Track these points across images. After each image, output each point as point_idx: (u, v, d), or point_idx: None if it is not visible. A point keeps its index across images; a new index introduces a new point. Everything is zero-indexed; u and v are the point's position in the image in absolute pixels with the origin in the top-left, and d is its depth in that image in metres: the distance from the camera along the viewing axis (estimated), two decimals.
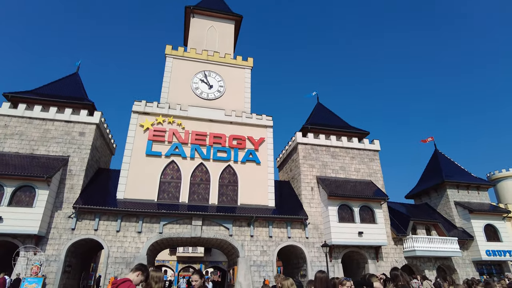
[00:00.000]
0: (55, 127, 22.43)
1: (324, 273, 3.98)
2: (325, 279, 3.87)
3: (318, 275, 4.00)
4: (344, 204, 23.54)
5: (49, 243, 19.26)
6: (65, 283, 19.63)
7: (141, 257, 19.73)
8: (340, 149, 26.80)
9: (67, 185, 20.93)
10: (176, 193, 22.39)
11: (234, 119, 25.07)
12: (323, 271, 4.03)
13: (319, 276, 3.97)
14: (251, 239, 21.84)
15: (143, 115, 23.78)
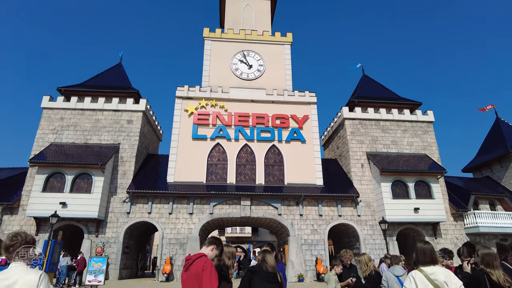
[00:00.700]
0: (104, 116, 23.32)
1: (429, 244, 3.30)
2: (430, 251, 3.21)
3: (421, 245, 3.31)
4: (397, 180, 22.27)
5: (108, 226, 20.31)
6: (125, 263, 20.71)
7: (193, 237, 20.19)
8: (391, 122, 25.24)
9: (120, 172, 21.81)
10: (224, 174, 22.49)
11: (276, 98, 24.46)
12: (426, 241, 3.35)
13: (422, 247, 3.29)
14: (301, 218, 21.47)
15: (186, 100, 23.96)
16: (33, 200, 19.63)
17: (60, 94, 24.24)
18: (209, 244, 3.51)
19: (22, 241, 2.49)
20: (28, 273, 2.35)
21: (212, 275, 3.11)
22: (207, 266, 3.16)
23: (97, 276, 11.33)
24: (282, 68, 25.98)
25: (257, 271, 3.70)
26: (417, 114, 25.77)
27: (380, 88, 28.48)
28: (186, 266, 3.29)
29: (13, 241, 2.47)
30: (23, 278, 2.30)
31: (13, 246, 2.46)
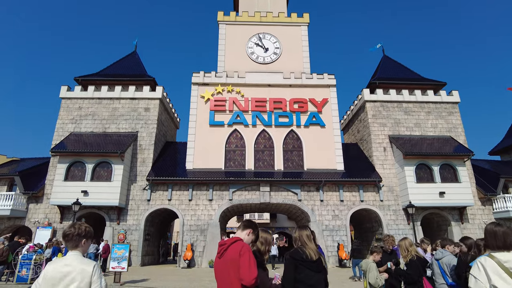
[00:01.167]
0: (121, 105, 23.29)
1: (501, 225, 2.75)
2: (502, 233, 2.69)
3: (492, 227, 2.77)
4: (421, 164, 21.48)
5: (129, 213, 20.48)
6: (147, 250, 20.93)
7: (214, 224, 20.15)
8: (414, 104, 24.24)
9: (139, 159, 21.85)
10: (242, 160, 22.23)
11: (294, 81, 23.80)
12: (498, 223, 2.80)
13: (493, 229, 2.75)
14: (321, 204, 21.08)
15: (202, 86, 23.62)
16: (56, 189, 19.94)
17: (78, 84, 24.30)
18: (244, 227, 3.15)
19: (75, 232, 2.60)
20: (83, 262, 2.49)
21: (251, 261, 2.77)
22: (245, 251, 2.81)
23: (120, 263, 11.32)
24: (299, 51, 25.21)
25: (303, 260, 3.31)
26: (441, 95, 24.65)
27: (401, 69, 27.34)
28: (220, 252, 2.96)
29: (68, 231, 2.60)
30: (79, 267, 2.44)
31: (68, 236, 2.58)
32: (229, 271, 2.80)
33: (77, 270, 2.43)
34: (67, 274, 2.40)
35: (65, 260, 2.50)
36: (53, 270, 2.44)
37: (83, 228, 2.65)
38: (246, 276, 2.69)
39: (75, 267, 2.44)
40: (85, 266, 2.47)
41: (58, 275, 2.40)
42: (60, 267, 2.43)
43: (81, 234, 2.61)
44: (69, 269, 2.42)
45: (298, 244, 3.50)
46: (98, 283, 2.45)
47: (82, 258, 2.55)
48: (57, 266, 2.46)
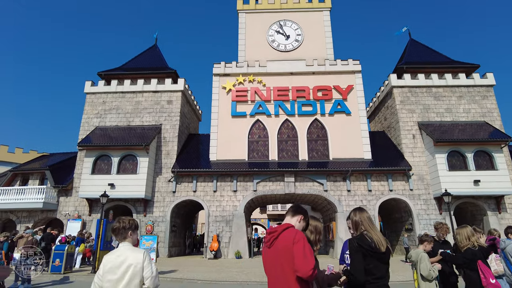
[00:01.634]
0: (144, 98, 23.41)
1: None
2: None
3: None
4: (454, 151, 20.47)
5: (155, 205, 20.67)
6: (173, 241, 21.12)
7: (239, 214, 20.04)
8: (444, 88, 23.07)
9: (163, 152, 21.96)
10: (265, 151, 21.93)
11: (317, 68, 23.14)
12: None
13: None
14: (348, 194, 20.53)
15: (223, 77, 23.37)
16: (83, 182, 20.37)
17: (101, 79, 24.61)
18: (294, 213, 2.80)
19: (120, 226, 2.84)
20: (134, 251, 2.74)
21: (306, 249, 2.44)
22: (299, 238, 2.48)
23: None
24: (321, 37, 24.44)
25: (371, 249, 2.92)
26: (474, 78, 23.31)
27: (430, 52, 26.05)
28: (270, 241, 2.64)
29: (114, 226, 2.86)
30: (131, 256, 2.69)
31: (115, 230, 2.84)
32: (281, 261, 2.49)
33: (130, 258, 2.67)
34: (123, 262, 2.64)
35: (117, 251, 2.76)
36: (109, 261, 2.71)
37: (127, 222, 2.89)
38: (301, 266, 2.36)
39: (128, 256, 2.67)
40: (136, 253, 2.72)
41: (115, 264, 2.66)
42: (115, 257, 2.69)
43: (126, 227, 2.85)
44: (123, 258, 2.67)
45: (361, 229, 3.09)
46: (149, 267, 2.69)
47: (132, 248, 2.79)
48: (113, 257, 2.73)
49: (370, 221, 3.09)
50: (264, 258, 2.70)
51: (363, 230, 3.05)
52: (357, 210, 3.21)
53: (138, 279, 2.66)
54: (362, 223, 3.08)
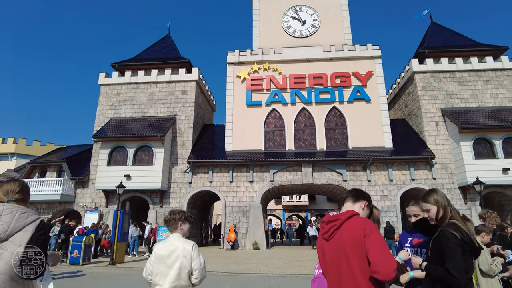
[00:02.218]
0: (159, 88, 23.11)
1: None
2: None
3: None
4: (480, 138, 19.50)
5: (172, 196, 20.50)
6: (190, 232, 20.93)
7: (256, 205, 19.68)
8: (469, 73, 21.94)
9: (179, 142, 21.69)
10: (282, 141, 21.41)
11: (334, 54, 22.33)
12: None
13: None
14: (369, 184, 19.87)
15: (238, 66, 22.84)
16: (100, 174, 20.32)
17: (115, 70, 24.42)
18: (356, 198, 2.31)
19: (171, 217, 2.92)
20: (184, 242, 2.79)
21: (382, 243, 1.97)
22: (371, 229, 2.00)
23: None
24: (339, 21, 23.53)
25: (471, 242, 2.38)
26: (502, 61, 22.06)
27: (453, 36, 24.81)
28: (329, 232, 2.17)
29: (167, 217, 2.95)
30: (181, 246, 2.74)
31: (167, 221, 2.93)
32: (347, 257, 2.01)
33: (180, 248, 2.71)
34: (173, 252, 2.70)
35: (169, 241, 2.81)
36: (161, 249, 2.77)
37: (177, 213, 2.95)
38: (382, 267, 1.88)
39: (178, 246, 2.72)
40: (186, 245, 2.76)
41: (166, 253, 2.71)
42: (167, 246, 2.76)
43: (176, 218, 2.91)
44: (173, 248, 2.72)
45: (449, 217, 2.47)
46: (198, 259, 2.73)
47: (183, 239, 2.85)
48: (164, 246, 2.79)
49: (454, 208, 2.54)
50: (322, 253, 2.23)
51: (450, 218, 2.47)
52: (437, 191, 2.60)
53: (187, 269, 2.69)
54: (451, 209, 2.51)
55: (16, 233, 1.98)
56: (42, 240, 2.04)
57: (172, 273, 2.66)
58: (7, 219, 1.97)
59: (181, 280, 2.67)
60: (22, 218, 2.04)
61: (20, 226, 2.01)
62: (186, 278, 2.69)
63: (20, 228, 2.01)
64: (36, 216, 2.12)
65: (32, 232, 2.02)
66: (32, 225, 2.05)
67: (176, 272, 2.66)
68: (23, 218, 2.04)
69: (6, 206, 2.05)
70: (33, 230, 2.03)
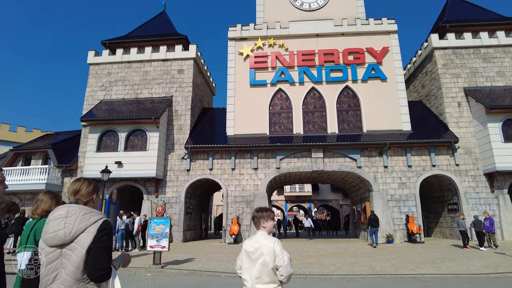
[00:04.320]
0: (153, 67, 21.05)
1: None
2: None
3: None
4: (509, 119, 17.61)
5: (168, 185, 18.62)
6: (189, 224, 19.15)
7: (261, 194, 17.83)
8: (495, 48, 19.93)
9: (175, 126, 19.73)
10: (289, 124, 19.48)
11: (347, 28, 20.25)
12: None
13: None
14: (385, 171, 18.03)
15: (240, 42, 20.76)
16: (88, 161, 18.40)
17: (105, 48, 22.29)
18: None
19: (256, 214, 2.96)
20: (267, 239, 2.79)
21: None
22: None
23: (160, 241, 9.21)
24: None
25: None
26: None
27: (475, 9, 22.69)
28: None
29: (254, 214, 2.99)
30: (264, 243, 2.74)
31: (253, 218, 2.97)
32: None
33: (263, 245, 2.73)
34: (258, 248, 2.74)
35: (255, 237, 2.86)
36: (249, 245, 2.81)
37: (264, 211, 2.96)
38: None
39: (262, 243, 2.75)
40: (268, 242, 2.75)
41: (252, 249, 2.78)
42: (253, 243, 2.81)
43: (259, 216, 2.92)
44: (257, 245, 2.76)
45: None
46: (281, 256, 2.66)
47: (266, 236, 2.83)
48: (251, 242, 2.84)
49: None
50: None
51: None
52: None
53: (270, 266, 2.66)
54: None
55: (80, 235, 1.95)
56: (104, 241, 1.97)
57: (255, 269, 2.68)
58: (71, 220, 1.97)
59: (264, 276, 2.65)
60: (84, 219, 2.01)
61: (83, 228, 1.97)
62: (271, 274, 2.65)
63: (83, 229, 1.97)
64: (98, 217, 2.05)
65: (94, 233, 1.96)
66: (94, 226, 2.00)
67: (259, 268, 2.67)
68: (85, 219, 2.01)
69: (72, 207, 2.06)
70: (95, 231, 1.97)
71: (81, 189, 2.20)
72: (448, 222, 18.91)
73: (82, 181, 2.24)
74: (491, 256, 11.35)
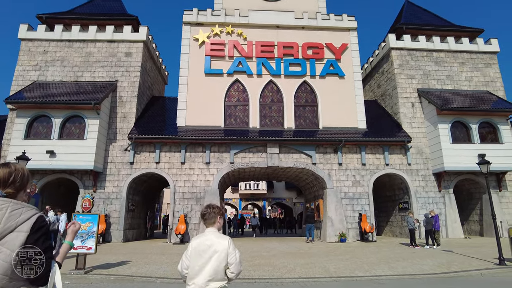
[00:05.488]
0: (97, 48, 18.96)
1: None
2: None
3: None
4: (458, 121, 18.18)
5: (108, 179, 16.76)
6: (131, 223, 17.41)
7: (212, 191, 16.65)
8: (446, 53, 20.58)
9: (119, 114, 17.88)
10: (245, 117, 18.51)
11: (307, 22, 19.75)
12: None
13: None
14: (340, 168, 17.73)
15: (196, 27, 19.39)
16: (14, 149, 15.92)
17: (42, 23, 19.73)
18: None
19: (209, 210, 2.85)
20: (220, 237, 2.72)
21: None
22: None
23: (86, 241, 7.75)
24: None
25: None
26: (478, 44, 21.00)
27: (428, 15, 23.39)
28: None
29: (205, 211, 2.88)
30: (217, 241, 2.67)
31: (206, 214, 2.85)
32: None
33: (216, 243, 2.65)
34: (210, 246, 2.64)
35: (205, 236, 2.74)
36: (200, 243, 2.68)
37: (215, 207, 2.88)
38: None
39: (214, 241, 2.67)
40: (222, 240, 2.69)
41: (203, 247, 2.65)
42: (204, 241, 2.69)
43: (216, 212, 2.85)
44: (210, 243, 2.66)
45: None
46: (234, 254, 2.66)
47: (218, 233, 2.77)
48: (201, 240, 2.71)
49: None
50: None
51: None
52: None
53: (223, 264, 2.63)
54: None
55: (8, 235, 1.58)
56: (41, 243, 1.61)
57: (209, 267, 2.60)
58: None
59: (218, 274, 2.60)
60: (14, 216, 1.61)
61: (12, 227, 1.59)
62: (222, 272, 2.62)
63: (12, 228, 1.59)
64: (31, 212, 1.66)
65: (27, 233, 1.59)
66: (26, 224, 1.62)
67: (212, 267, 2.60)
68: (15, 216, 1.61)
69: None
70: (27, 230, 1.60)
71: (9, 177, 1.72)
72: (399, 221, 19.12)
73: (12, 168, 1.76)
74: (441, 254, 11.25)
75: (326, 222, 16.80)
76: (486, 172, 10.41)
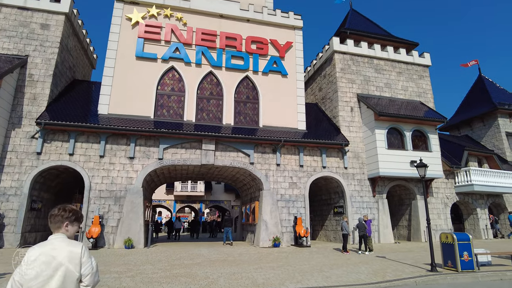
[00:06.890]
0: (4, 15, 15.92)
1: None
2: None
3: None
4: (393, 128, 18.51)
5: (6, 171, 13.92)
6: (34, 224, 14.68)
7: (134, 190, 14.69)
8: (385, 61, 21.06)
9: (27, 95, 15.09)
10: (179, 109, 16.86)
11: (252, 15, 18.78)
12: None
13: None
14: (277, 169, 16.92)
15: (130, 5, 17.30)
16: None
17: None
18: None
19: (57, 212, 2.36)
20: (71, 244, 2.24)
21: None
22: None
23: None
24: None
25: None
26: (413, 55, 21.89)
27: (371, 25, 23.99)
28: None
29: (53, 212, 2.39)
30: (68, 249, 2.19)
31: (52, 216, 2.36)
32: None
33: (65, 252, 2.18)
34: (56, 256, 2.15)
35: (50, 243, 2.23)
36: (38, 254, 2.14)
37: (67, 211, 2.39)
38: None
39: (63, 249, 2.18)
40: (73, 247, 2.22)
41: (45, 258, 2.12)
42: (49, 250, 2.17)
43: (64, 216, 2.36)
44: (57, 252, 2.16)
45: None
46: (89, 263, 2.23)
47: (68, 240, 2.28)
48: (44, 250, 2.17)
49: None
50: None
51: None
52: None
53: (75, 277, 2.15)
54: None
55: None
56: None
57: (54, 283, 2.08)
58: None
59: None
60: None
61: None
62: (74, 286, 2.15)
63: None
64: None
65: None
66: None
67: (59, 282, 2.09)
68: None
69: None
70: None
71: None
72: (333, 225, 18.88)
73: None
74: (375, 261, 10.81)
75: (260, 226, 15.80)
76: (423, 175, 10.10)
